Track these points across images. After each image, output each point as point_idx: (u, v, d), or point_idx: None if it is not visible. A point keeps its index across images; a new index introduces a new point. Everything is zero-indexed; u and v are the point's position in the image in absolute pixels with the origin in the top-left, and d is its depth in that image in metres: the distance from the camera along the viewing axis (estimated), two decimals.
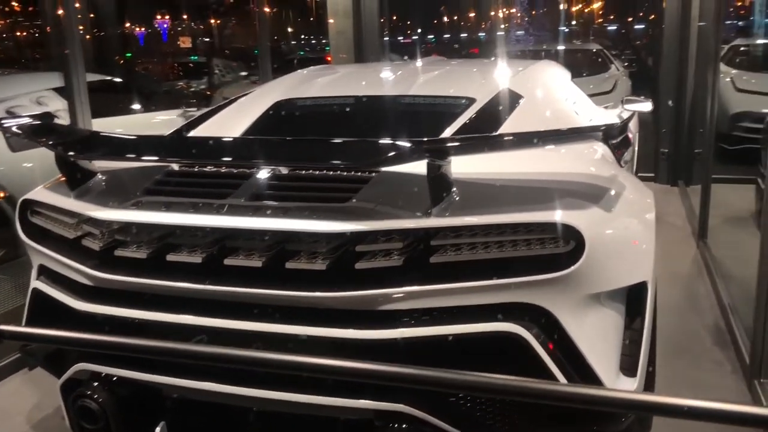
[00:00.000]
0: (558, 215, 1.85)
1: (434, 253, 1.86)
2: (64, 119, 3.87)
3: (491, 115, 2.63)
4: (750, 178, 5.36)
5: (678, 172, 6.67)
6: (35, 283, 2.29)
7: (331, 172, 2.11)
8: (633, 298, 2.07)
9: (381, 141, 1.82)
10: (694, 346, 3.28)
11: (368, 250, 1.86)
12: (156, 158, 2.13)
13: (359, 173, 2.08)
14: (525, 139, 1.92)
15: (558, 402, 1.37)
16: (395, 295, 1.84)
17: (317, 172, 2.12)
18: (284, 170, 2.15)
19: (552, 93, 3.05)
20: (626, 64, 11.63)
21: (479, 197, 1.96)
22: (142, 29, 25.98)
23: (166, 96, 9.70)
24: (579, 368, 1.90)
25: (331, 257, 1.87)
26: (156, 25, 26.18)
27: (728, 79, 7.83)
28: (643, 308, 2.08)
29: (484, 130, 2.48)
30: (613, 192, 2.09)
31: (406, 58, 11.89)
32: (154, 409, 2.08)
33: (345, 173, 2.10)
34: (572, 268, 1.83)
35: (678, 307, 3.73)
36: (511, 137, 1.99)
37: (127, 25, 24.81)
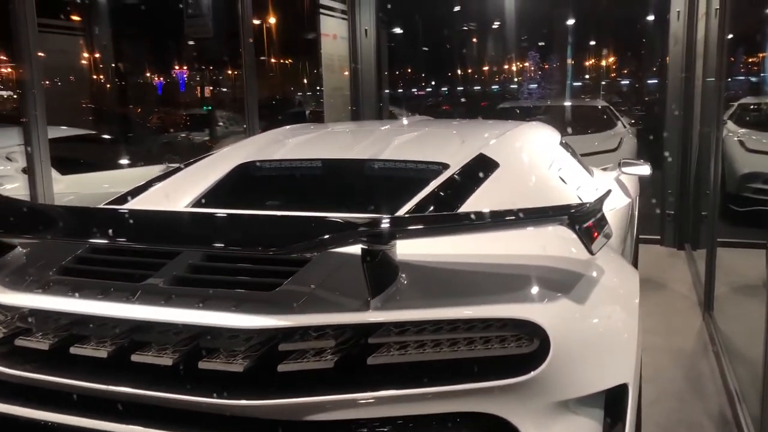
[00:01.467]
0: (519, 309, 1.60)
1: (373, 352, 1.60)
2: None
3: (462, 184, 2.39)
4: (761, 242, 5.06)
5: (684, 234, 6.37)
6: None
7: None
8: (611, 403, 1.78)
9: (306, 220, 1.58)
10: None
11: (294, 348, 1.60)
12: (58, 235, 1.87)
13: (297, 255, 1.83)
14: (479, 221, 1.68)
15: None
16: (324, 404, 1.57)
17: (248, 253, 1.88)
18: (215, 248, 1.91)
19: (533, 160, 2.82)
20: (632, 121, 11.43)
21: (429, 285, 1.71)
22: (161, 79, 26.36)
23: (166, 147, 9.61)
24: None
25: (252, 356, 1.61)
26: (175, 75, 26.55)
27: (737, 139, 7.58)
28: (623, 415, 1.78)
29: (452, 203, 2.24)
30: (587, 277, 1.83)
31: (407, 114, 11.79)
32: None
33: (282, 255, 1.85)
34: (536, 371, 1.56)
35: (680, 391, 3.40)
36: (462, 219, 1.75)
37: (147, 74, 25.18)
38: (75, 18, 13.57)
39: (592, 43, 32.67)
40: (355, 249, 1.69)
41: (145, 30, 20.56)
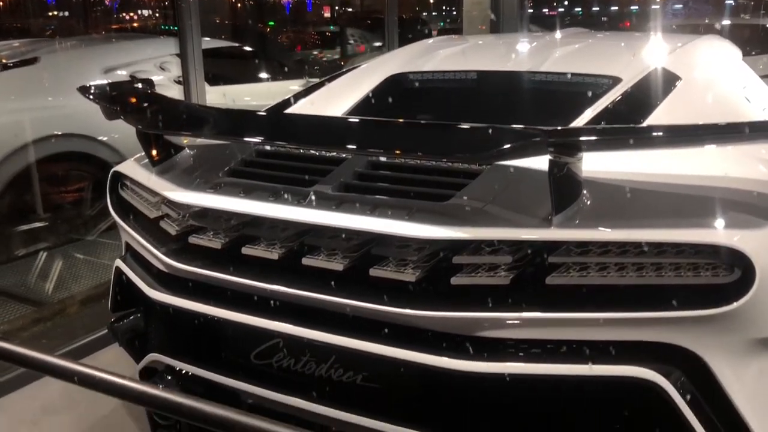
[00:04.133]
0: (720, 235, 1.43)
1: (552, 272, 1.50)
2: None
3: (639, 99, 2.18)
4: None
5: None
6: (118, 262, 2.15)
7: (435, 162, 1.79)
8: None
9: (491, 129, 1.47)
10: None
11: (468, 262, 1.53)
12: (234, 137, 1.89)
13: (468, 165, 1.74)
14: (684, 134, 1.50)
15: None
16: (498, 321, 1.50)
17: (418, 162, 1.80)
18: (382, 157, 1.85)
19: (717, 75, 2.53)
20: None
21: (615, 205, 1.57)
22: None
23: (299, 64, 9.69)
24: (733, 431, 1.48)
25: (424, 267, 1.55)
26: None
27: None
28: None
29: (630, 118, 2.05)
30: None
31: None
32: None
33: (450, 165, 1.76)
34: (736, 304, 1.41)
35: None
36: (664, 131, 1.57)
37: None
38: None
39: None
40: (531, 163, 1.58)
41: None
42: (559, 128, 1.45)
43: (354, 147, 1.70)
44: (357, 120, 2.16)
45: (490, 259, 1.52)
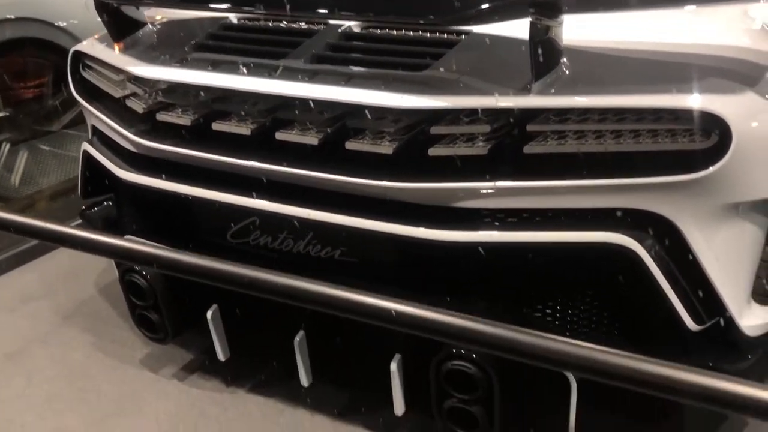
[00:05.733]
0: (699, 100, 1.42)
1: (530, 141, 1.48)
2: None
3: None
4: None
5: None
6: (85, 145, 2.09)
7: (411, 33, 1.72)
8: None
9: None
10: None
11: (446, 133, 1.50)
12: (201, 3, 1.79)
13: (445, 34, 1.68)
14: None
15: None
16: (477, 191, 1.49)
17: (394, 32, 1.74)
18: (356, 27, 1.78)
19: None
20: None
21: (594, 72, 1.54)
22: None
23: None
24: (701, 293, 1.53)
25: (401, 139, 1.53)
26: None
27: None
28: None
29: None
30: None
31: None
32: (208, 291, 1.90)
33: (428, 34, 1.70)
34: (711, 169, 1.41)
35: None
36: None
37: None
38: None
39: None
40: (510, 32, 1.53)
41: None
42: None
43: (325, 11, 1.62)
44: None
45: (468, 128, 1.50)
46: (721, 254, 1.54)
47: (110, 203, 2.25)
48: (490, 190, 1.50)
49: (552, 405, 1.66)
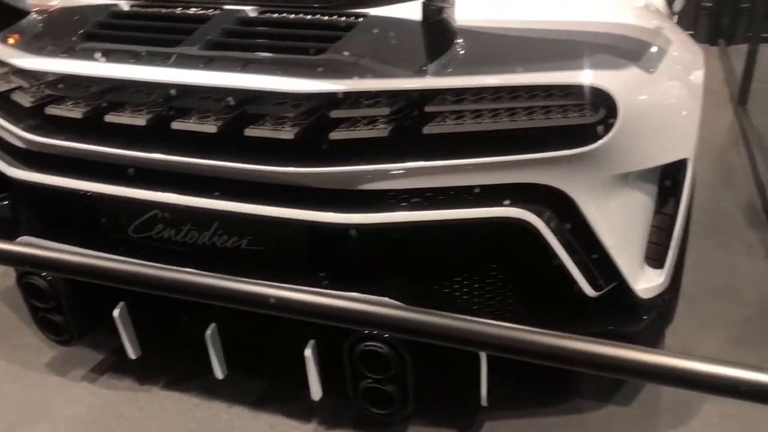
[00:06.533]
0: (585, 76, 1.48)
1: (429, 121, 1.50)
2: None
3: None
4: None
5: (719, 29, 6.04)
6: None
7: (308, 17, 1.71)
8: (668, 177, 1.73)
9: None
10: (725, 226, 2.96)
11: (347, 116, 1.51)
12: None
13: (342, 18, 1.67)
14: None
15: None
16: (379, 173, 1.51)
17: (291, 16, 1.72)
18: (252, 12, 1.75)
19: None
20: None
21: (488, 52, 1.57)
22: None
23: None
24: (597, 260, 1.61)
25: (302, 124, 1.52)
26: None
27: None
28: (679, 190, 1.74)
29: None
30: (655, 49, 1.69)
31: None
32: (113, 289, 1.84)
33: (325, 18, 1.69)
34: (600, 142, 1.49)
35: (710, 181, 3.38)
36: None
37: None
38: None
39: None
40: (406, 13, 1.55)
41: None
42: None
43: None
44: None
45: (369, 111, 1.51)
46: (615, 222, 1.62)
47: (5, 203, 2.14)
48: (393, 172, 1.52)
49: (464, 377, 1.71)
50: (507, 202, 1.53)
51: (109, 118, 1.61)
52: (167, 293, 1.18)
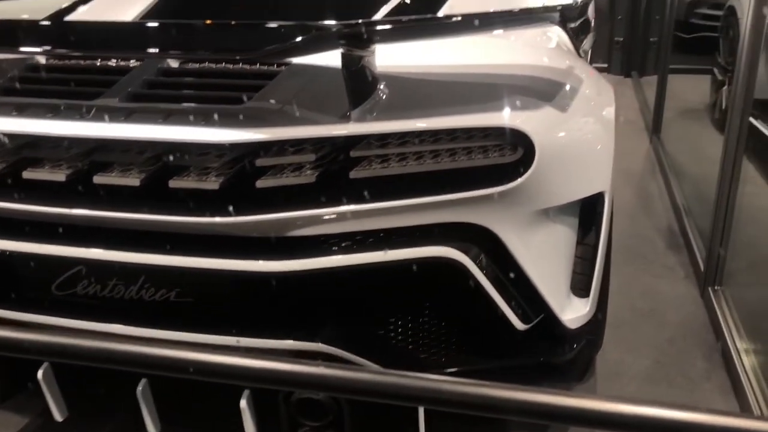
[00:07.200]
0: (503, 117, 1.54)
1: (355, 166, 1.53)
2: None
3: None
4: (706, 68, 5.11)
5: (632, 62, 6.38)
6: None
7: (231, 66, 1.72)
8: (588, 210, 1.80)
9: (284, 24, 1.44)
10: (646, 251, 3.10)
11: (273, 164, 1.52)
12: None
13: (264, 66, 1.69)
14: (465, 22, 1.56)
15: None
16: (307, 219, 1.52)
17: (214, 65, 1.73)
18: (173, 63, 1.74)
19: None
20: None
21: (409, 96, 1.61)
22: None
23: None
24: (524, 293, 1.65)
25: (227, 174, 1.52)
26: None
27: None
28: (598, 221, 1.81)
29: (422, 10, 2.10)
30: (568, 87, 1.77)
31: None
32: None
33: (247, 67, 1.70)
34: (521, 179, 1.54)
35: (630, 207, 3.53)
36: (446, 19, 1.63)
37: None
38: None
39: None
40: (329, 61, 1.58)
41: None
42: (351, 21, 1.45)
43: (135, 50, 1.57)
44: (139, 22, 2.01)
45: (294, 158, 1.52)
46: (539, 256, 1.67)
47: None
48: (321, 217, 1.53)
49: (403, 419, 1.71)
50: (435, 241, 1.56)
51: (27, 174, 1.57)
52: (82, 362, 1.14)
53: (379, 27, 1.49)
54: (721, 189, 2.56)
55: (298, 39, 1.38)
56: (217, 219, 1.49)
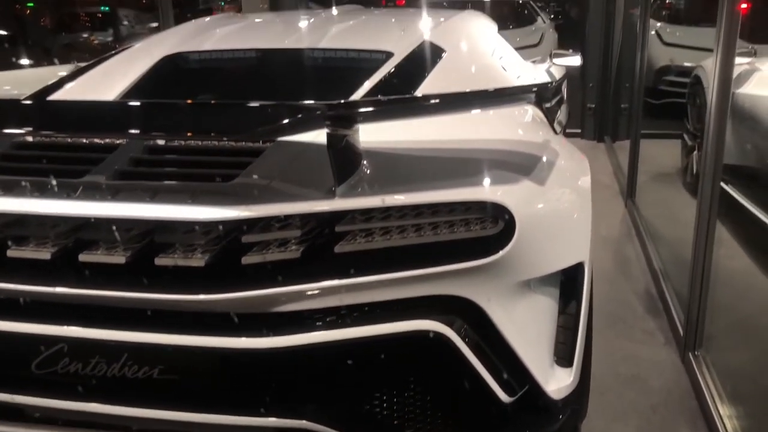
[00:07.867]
0: (484, 192, 1.58)
1: (340, 240, 1.55)
2: None
3: (410, 72, 2.31)
4: (676, 133, 5.27)
5: (604, 127, 6.56)
6: None
7: (216, 144, 1.75)
8: (568, 279, 1.83)
9: (269, 105, 1.48)
10: (625, 315, 3.13)
11: (258, 240, 1.53)
12: None
13: (250, 144, 1.73)
14: (444, 102, 1.62)
15: None
16: (292, 294, 1.53)
17: (199, 143, 1.76)
18: (159, 141, 1.77)
19: (477, 47, 2.75)
20: (552, 16, 11.45)
21: (392, 171, 1.65)
22: None
23: (67, 49, 8.92)
24: (509, 366, 1.66)
25: (213, 251, 1.53)
26: None
27: (654, 32, 7.73)
28: (579, 291, 1.84)
29: (402, 89, 2.16)
30: (545, 159, 1.83)
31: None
32: None
33: (233, 144, 1.74)
34: (502, 252, 1.57)
35: (608, 272, 3.58)
36: (427, 100, 1.68)
37: None
38: None
39: None
40: (312, 138, 1.62)
41: None
42: (335, 102, 1.49)
43: (123, 131, 1.61)
44: (124, 103, 2.05)
45: (280, 234, 1.54)
46: (522, 327, 1.69)
47: None
48: (306, 292, 1.54)
49: None
50: (420, 314, 1.57)
51: (12, 252, 1.57)
52: None
53: (362, 109, 1.54)
54: (697, 254, 2.61)
55: (285, 121, 1.42)
56: (202, 296, 1.50)
